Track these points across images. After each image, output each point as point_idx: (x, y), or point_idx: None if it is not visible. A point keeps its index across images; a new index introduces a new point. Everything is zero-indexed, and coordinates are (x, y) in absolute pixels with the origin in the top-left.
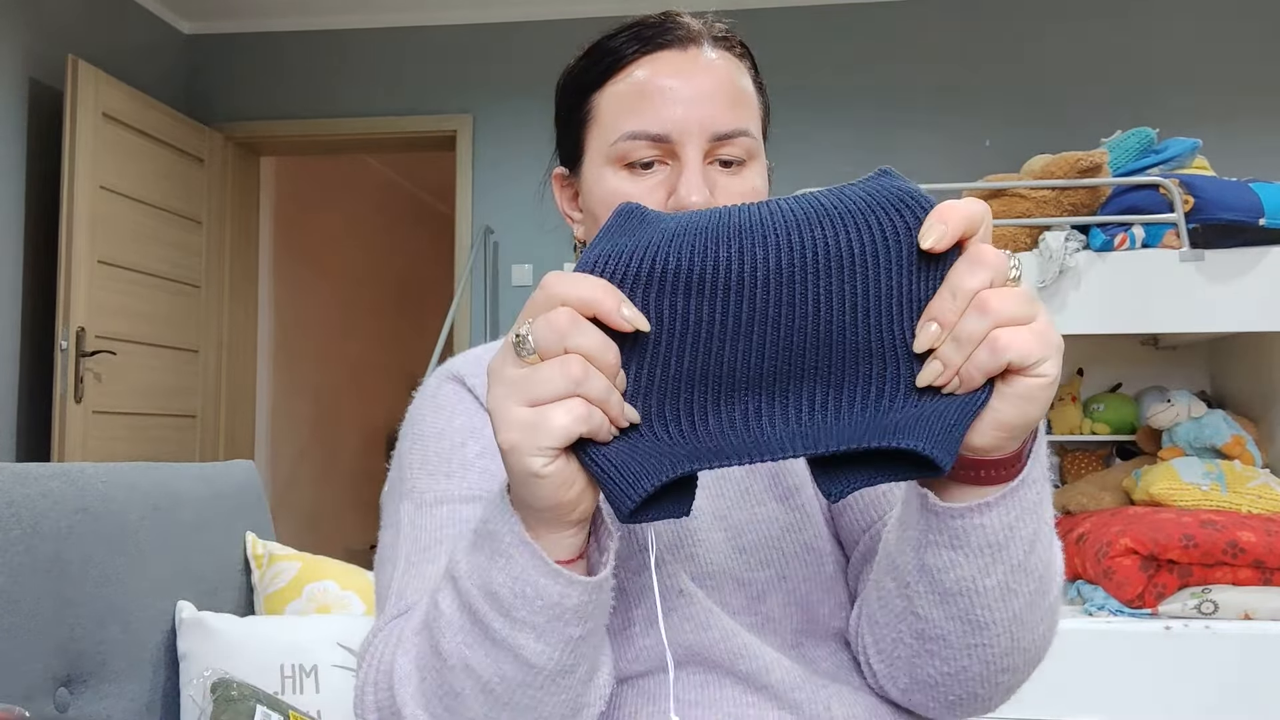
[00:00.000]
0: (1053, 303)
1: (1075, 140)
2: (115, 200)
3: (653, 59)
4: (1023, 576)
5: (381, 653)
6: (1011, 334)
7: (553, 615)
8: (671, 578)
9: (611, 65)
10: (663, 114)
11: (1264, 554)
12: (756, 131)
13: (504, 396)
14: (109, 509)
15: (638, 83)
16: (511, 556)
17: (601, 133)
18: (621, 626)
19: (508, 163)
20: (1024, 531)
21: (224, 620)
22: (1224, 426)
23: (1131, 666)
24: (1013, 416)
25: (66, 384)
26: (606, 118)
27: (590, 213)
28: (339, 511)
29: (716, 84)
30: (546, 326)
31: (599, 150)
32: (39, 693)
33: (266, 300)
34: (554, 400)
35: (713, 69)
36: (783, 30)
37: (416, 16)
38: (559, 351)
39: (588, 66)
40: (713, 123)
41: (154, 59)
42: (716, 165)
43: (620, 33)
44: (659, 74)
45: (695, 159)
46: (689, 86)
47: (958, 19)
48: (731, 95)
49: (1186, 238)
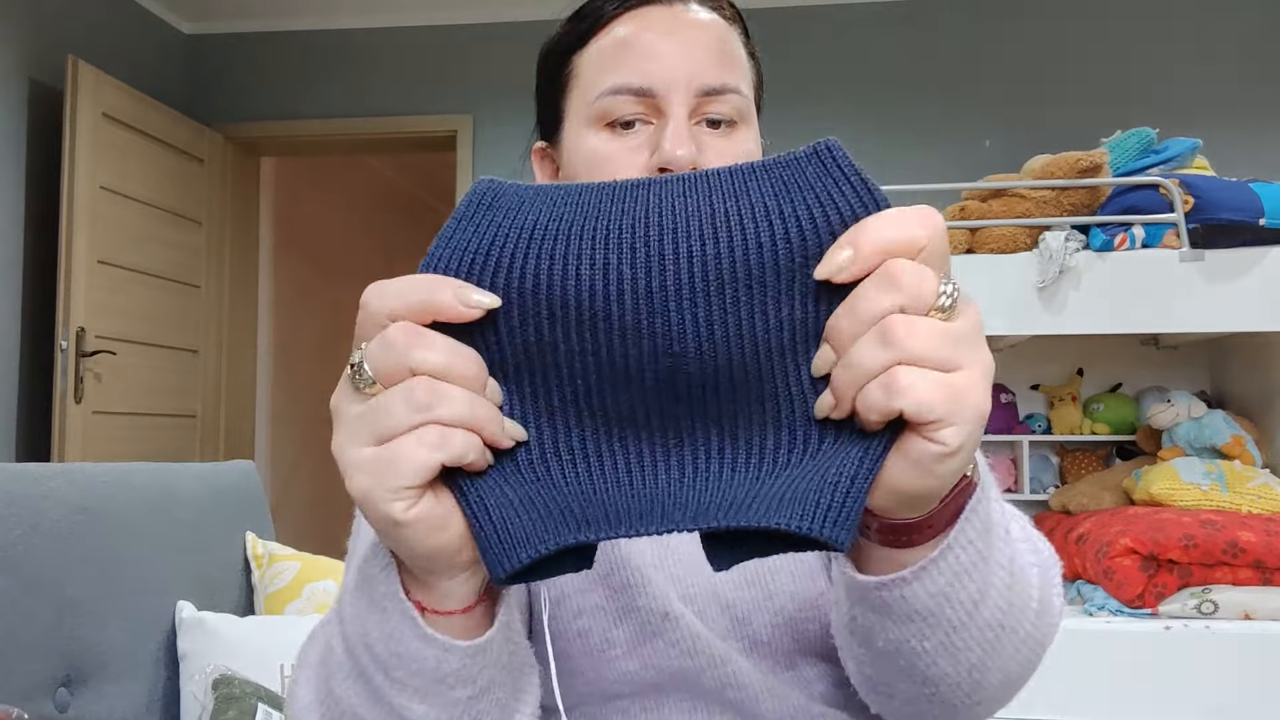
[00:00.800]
0: (1053, 303)
1: (1075, 140)
2: (115, 200)
3: (636, 14)
4: (970, 634)
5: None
6: (914, 376)
7: (432, 679)
8: (657, 599)
9: (593, 23)
10: (645, 66)
11: (1264, 554)
12: (748, 92)
13: (347, 439)
14: (109, 509)
15: (620, 38)
16: (386, 611)
17: (581, 92)
18: (601, 648)
19: (508, 163)
20: (961, 595)
21: (224, 620)
22: (1224, 426)
23: (1131, 666)
24: (905, 482)
25: (66, 384)
26: (586, 76)
27: (572, 177)
28: (339, 511)
29: (704, 39)
30: (381, 348)
31: (579, 111)
32: (39, 693)
33: (266, 300)
34: (404, 432)
35: (700, 25)
36: (782, 30)
37: (417, 16)
38: (404, 374)
39: (569, 29)
40: (700, 76)
41: (154, 59)
42: (704, 125)
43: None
44: (643, 28)
45: (680, 114)
46: (674, 39)
47: (958, 19)
48: (720, 51)
49: (1186, 238)
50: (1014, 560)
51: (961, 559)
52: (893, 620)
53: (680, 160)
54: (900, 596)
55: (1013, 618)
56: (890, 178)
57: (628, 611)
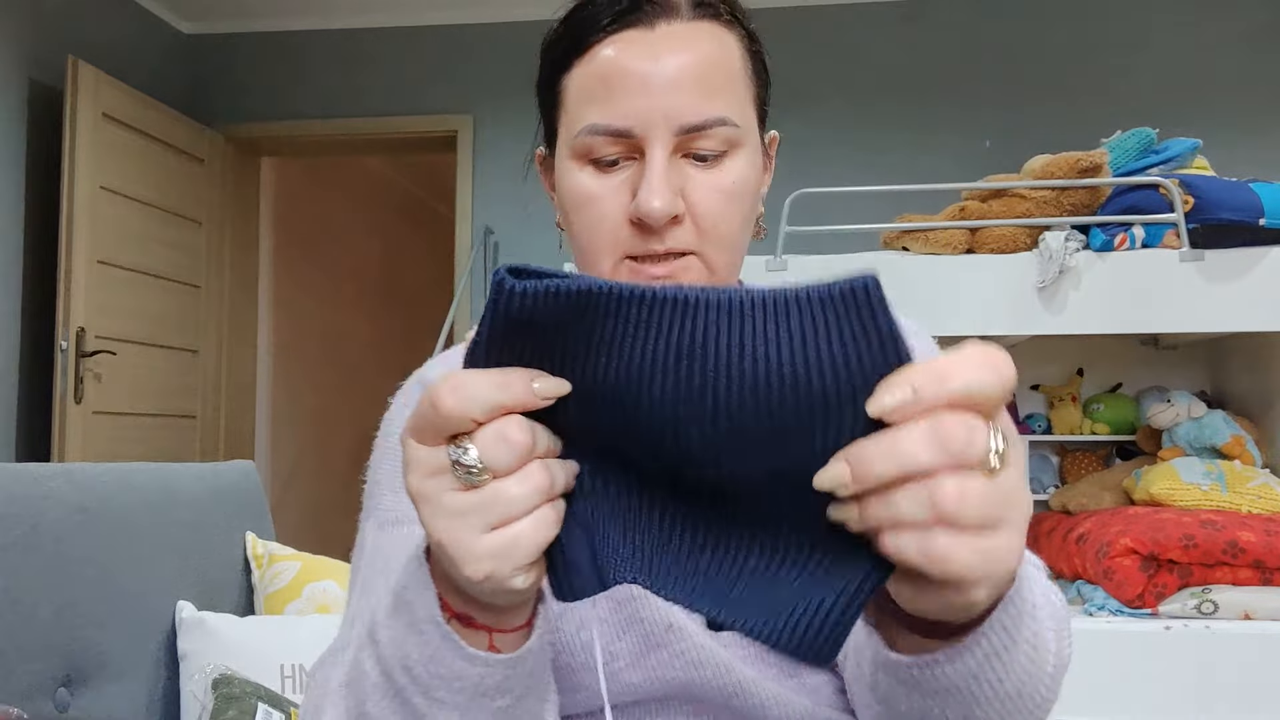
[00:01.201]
0: (1053, 303)
1: (1075, 140)
2: (115, 200)
3: (621, 37)
4: (991, 705)
5: (314, 698)
6: (952, 544)
7: (474, 694)
8: (660, 611)
9: (579, 42)
10: (624, 106)
11: (1264, 554)
12: (740, 116)
13: (460, 528)
14: (109, 509)
15: (601, 67)
16: (426, 634)
17: (567, 121)
18: (604, 660)
19: (508, 163)
20: (989, 675)
21: (224, 620)
22: (1224, 426)
23: (1131, 666)
24: (930, 610)
25: (66, 384)
26: (572, 105)
27: (560, 206)
28: (339, 511)
29: (689, 67)
30: (498, 443)
31: (565, 140)
32: (39, 693)
33: (266, 300)
34: (523, 515)
35: (689, 47)
36: (782, 30)
37: (416, 16)
38: (524, 464)
39: (560, 38)
40: (680, 114)
41: (154, 59)
42: (691, 158)
43: (592, 1)
44: (624, 56)
45: (659, 156)
46: (656, 72)
47: (958, 19)
48: (706, 80)
49: (1186, 238)
50: (1038, 634)
51: (994, 642)
52: (920, 693)
53: (655, 214)
54: (931, 675)
55: (1030, 685)
56: (890, 178)
57: (631, 623)
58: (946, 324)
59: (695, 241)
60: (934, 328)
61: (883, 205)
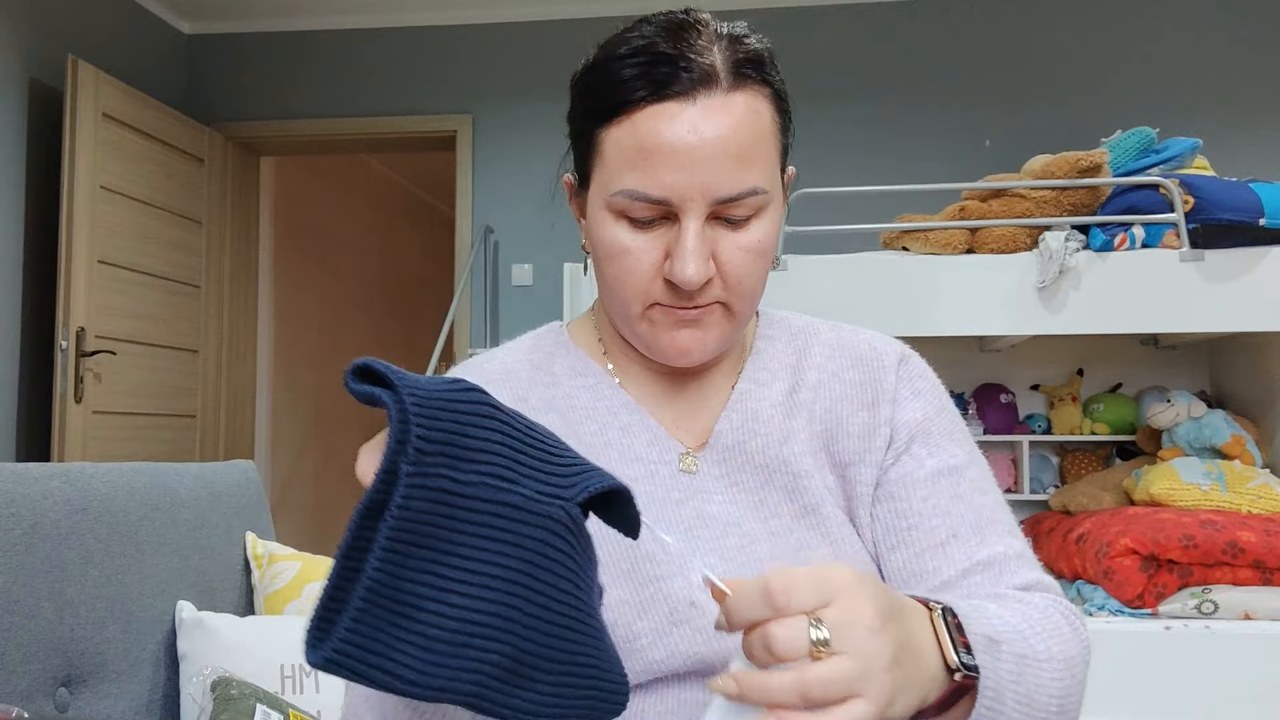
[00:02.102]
0: (1053, 303)
1: (1075, 140)
2: (115, 200)
3: (659, 110)
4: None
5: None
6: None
7: None
8: (682, 588)
9: (617, 104)
10: (663, 178)
11: (1264, 554)
12: (769, 179)
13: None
14: (109, 509)
15: (641, 138)
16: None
17: (604, 174)
18: (627, 639)
19: (508, 163)
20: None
21: (224, 620)
22: (1224, 426)
23: (1131, 666)
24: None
25: (66, 384)
26: (609, 162)
27: (593, 249)
28: (339, 511)
29: (727, 143)
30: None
31: (601, 191)
32: (39, 692)
33: (266, 300)
34: None
35: (727, 122)
36: (782, 30)
37: (416, 16)
38: None
39: (594, 89)
40: (716, 188)
41: (154, 59)
42: (722, 220)
43: (630, 57)
44: (663, 130)
45: (694, 227)
46: (695, 148)
47: (958, 19)
48: (741, 154)
49: (1186, 238)
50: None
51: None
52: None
53: (690, 282)
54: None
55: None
56: (890, 178)
57: (653, 602)
58: (947, 324)
59: (721, 294)
60: (934, 328)
61: (883, 205)
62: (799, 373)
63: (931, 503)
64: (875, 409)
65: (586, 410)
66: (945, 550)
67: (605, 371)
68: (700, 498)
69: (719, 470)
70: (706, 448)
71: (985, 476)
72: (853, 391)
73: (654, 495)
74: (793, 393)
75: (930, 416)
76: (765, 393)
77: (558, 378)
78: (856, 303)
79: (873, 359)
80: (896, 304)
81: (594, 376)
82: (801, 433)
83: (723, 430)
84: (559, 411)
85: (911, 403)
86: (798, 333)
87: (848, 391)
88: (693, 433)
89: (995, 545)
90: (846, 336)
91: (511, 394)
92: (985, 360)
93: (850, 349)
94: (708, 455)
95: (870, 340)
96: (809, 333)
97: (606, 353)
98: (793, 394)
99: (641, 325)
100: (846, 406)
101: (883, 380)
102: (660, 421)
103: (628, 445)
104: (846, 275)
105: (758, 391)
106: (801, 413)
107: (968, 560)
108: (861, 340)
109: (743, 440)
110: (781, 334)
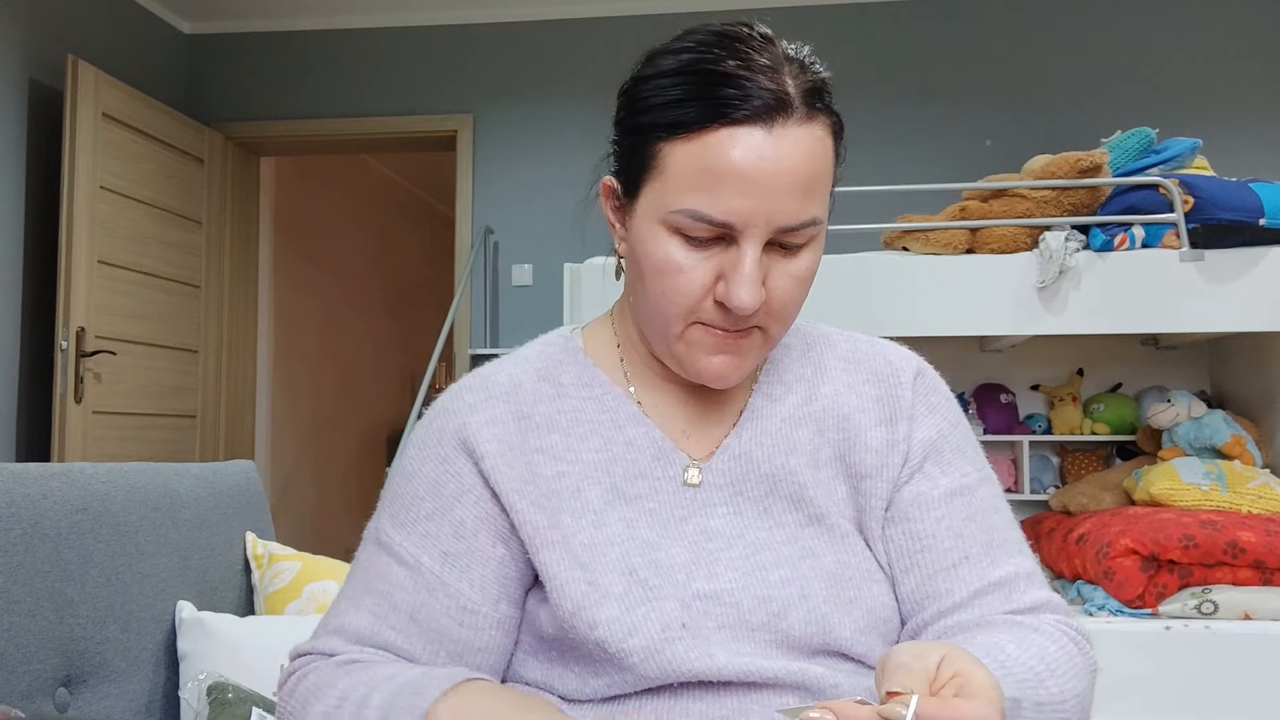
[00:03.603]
0: (1053, 303)
1: (1075, 140)
2: (115, 200)
3: (732, 134)
4: None
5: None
6: None
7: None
8: (676, 610)
9: (687, 122)
10: (729, 203)
11: (1264, 554)
12: (824, 211)
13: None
14: (109, 509)
15: (712, 160)
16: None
17: (663, 190)
18: (619, 655)
19: (508, 163)
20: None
21: (224, 620)
22: (1224, 426)
23: (1131, 666)
24: None
25: (66, 384)
26: (671, 179)
27: (634, 261)
28: (339, 511)
29: (796, 175)
30: None
31: (656, 205)
32: (39, 693)
33: (266, 300)
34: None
35: (798, 154)
36: (782, 30)
37: (417, 16)
38: None
39: (655, 102)
40: (781, 217)
41: (154, 59)
42: (776, 246)
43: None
44: (734, 155)
45: (753, 253)
46: (765, 177)
47: (958, 19)
48: (806, 183)
49: (1186, 238)
50: None
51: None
52: None
53: (746, 308)
54: None
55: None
56: (891, 178)
57: (644, 622)
58: (947, 324)
59: (763, 319)
60: (934, 328)
61: (883, 205)
62: (814, 385)
63: (945, 524)
64: (893, 426)
65: (592, 424)
66: (957, 572)
67: (614, 381)
68: (704, 513)
69: (724, 480)
70: (713, 458)
71: (996, 494)
72: (870, 405)
73: (658, 514)
74: (805, 404)
75: (945, 433)
76: (778, 407)
77: (564, 388)
78: (857, 303)
79: (889, 374)
80: (897, 304)
81: (601, 387)
82: (809, 443)
83: (732, 443)
84: (561, 430)
85: (927, 419)
86: (813, 343)
87: (864, 405)
88: (702, 443)
89: (1006, 565)
90: (863, 348)
91: (515, 409)
92: (985, 360)
93: (867, 362)
94: (713, 465)
95: (885, 353)
96: (824, 344)
97: (624, 360)
98: (805, 405)
99: (679, 345)
100: (864, 420)
101: (900, 396)
102: (670, 433)
103: (632, 461)
104: (847, 275)
105: (770, 407)
106: (811, 423)
107: (979, 581)
108: (877, 352)
109: (749, 450)
110: (796, 343)
